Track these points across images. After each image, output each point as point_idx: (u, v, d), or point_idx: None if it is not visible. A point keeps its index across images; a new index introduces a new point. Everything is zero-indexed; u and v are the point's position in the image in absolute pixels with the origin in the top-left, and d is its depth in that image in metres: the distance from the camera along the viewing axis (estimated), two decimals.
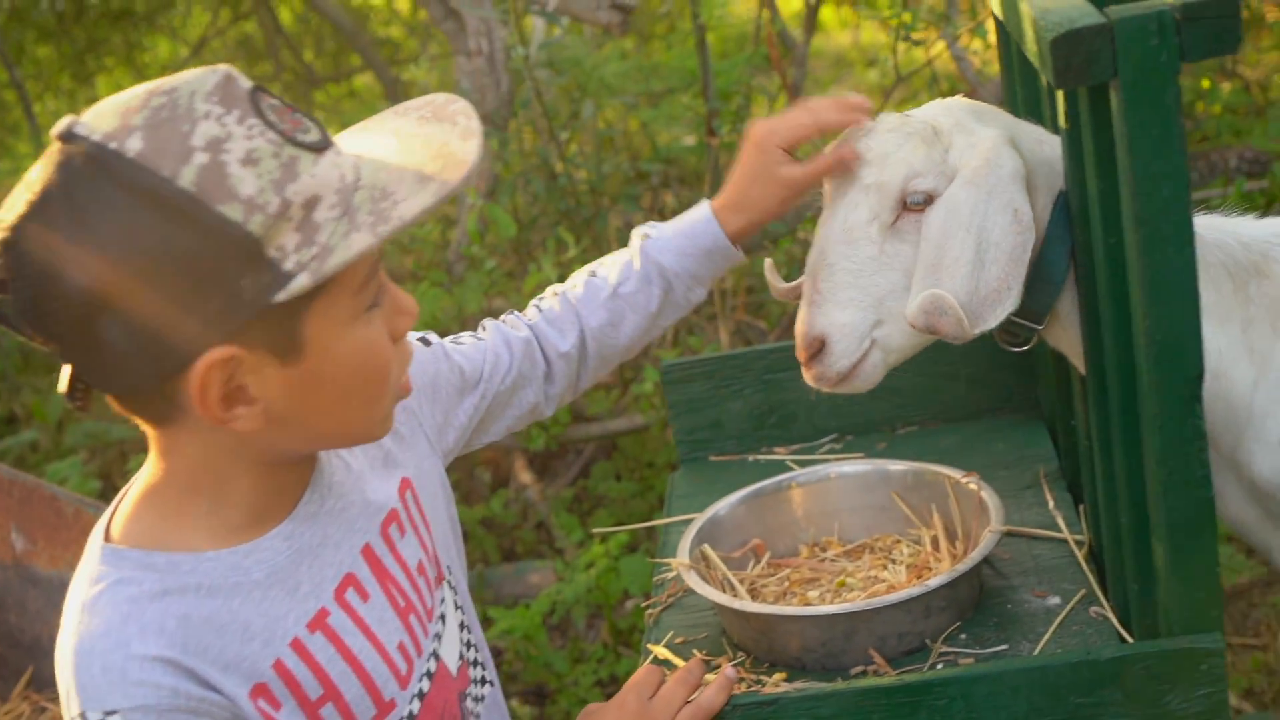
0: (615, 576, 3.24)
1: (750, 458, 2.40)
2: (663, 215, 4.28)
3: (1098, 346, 1.60)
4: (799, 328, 1.84)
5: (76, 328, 1.24)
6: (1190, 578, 1.37)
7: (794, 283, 1.96)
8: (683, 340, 3.94)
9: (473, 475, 4.11)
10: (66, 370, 1.30)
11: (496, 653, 3.69)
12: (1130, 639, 1.68)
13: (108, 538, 1.38)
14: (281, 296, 1.24)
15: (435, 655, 1.56)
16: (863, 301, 1.80)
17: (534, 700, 3.48)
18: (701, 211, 1.89)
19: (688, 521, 2.12)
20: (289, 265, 1.24)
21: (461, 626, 1.65)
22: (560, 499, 3.98)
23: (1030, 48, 1.38)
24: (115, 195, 1.21)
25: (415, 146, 1.32)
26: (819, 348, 1.83)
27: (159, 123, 1.23)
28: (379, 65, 6.73)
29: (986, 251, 1.71)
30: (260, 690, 1.36)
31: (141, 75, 7.75)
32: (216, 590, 1.36)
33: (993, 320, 1.71)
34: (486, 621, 3.47)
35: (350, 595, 1.46)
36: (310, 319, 1.29)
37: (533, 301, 1.92)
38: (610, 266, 1.90)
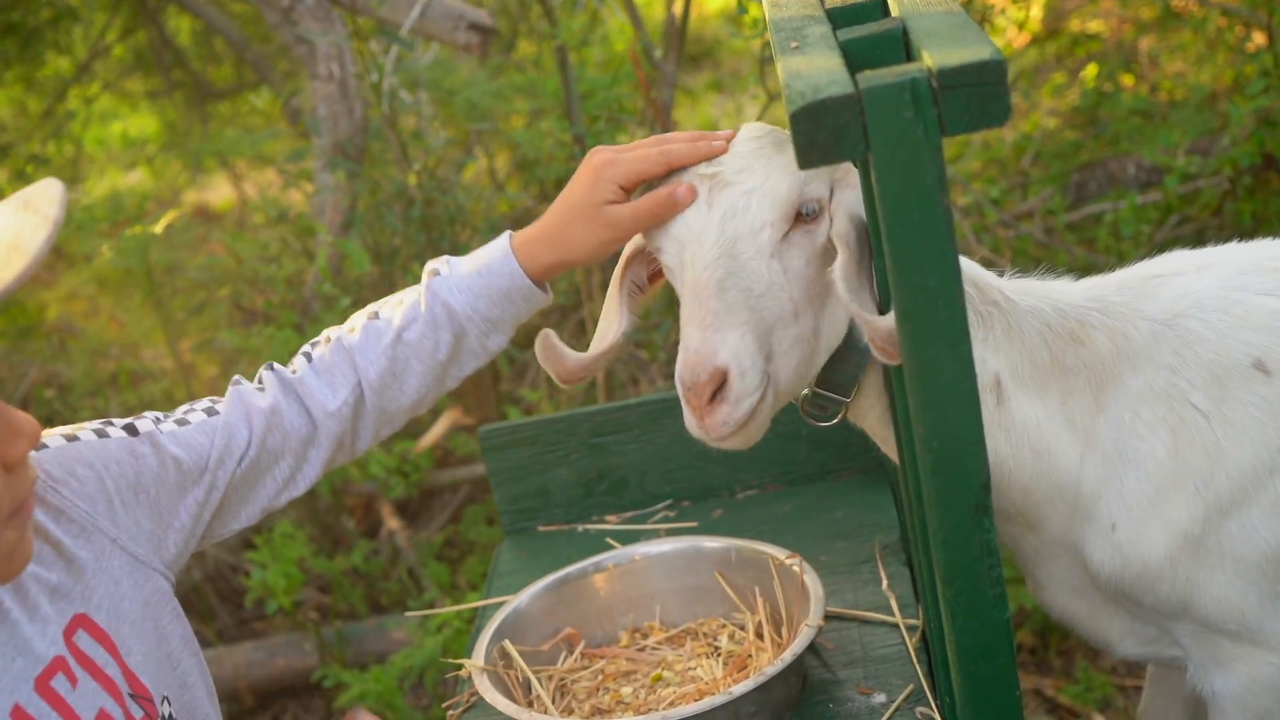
0: (467, 637, 3.05)
1: (580, 528, 2.23)
2: None
3: (898, 431, 1.44)
4: (688, 358, 1.50)
5: None
6: (986, 707, 1.21)
7: (591, 354, 1.73)
8: (540, 381, 3.76)
9: (340, 521, 3.91)
10: None
11: None
12: None
13: None
14: None
15: None
16: (758, 329, 1.50)
17: None
18: (500, 246, 1.64)
19: (502, 604, 1.95)
20: None
21: None
22: (430, 545, 3.79)
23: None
24: None
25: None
26: (721, 382, 1.49)
27: None
28: (274, 81, 6.50)
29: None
30: None
31: (38, 90, 7.49)
32: None
33: None
34: (341, 687, 3.28)
35: None
36: None
37: (304, 348, 1.68)
38: (394, 308, 1.65)
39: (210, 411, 1.59)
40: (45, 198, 1.15)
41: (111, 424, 1.50)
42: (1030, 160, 4.82)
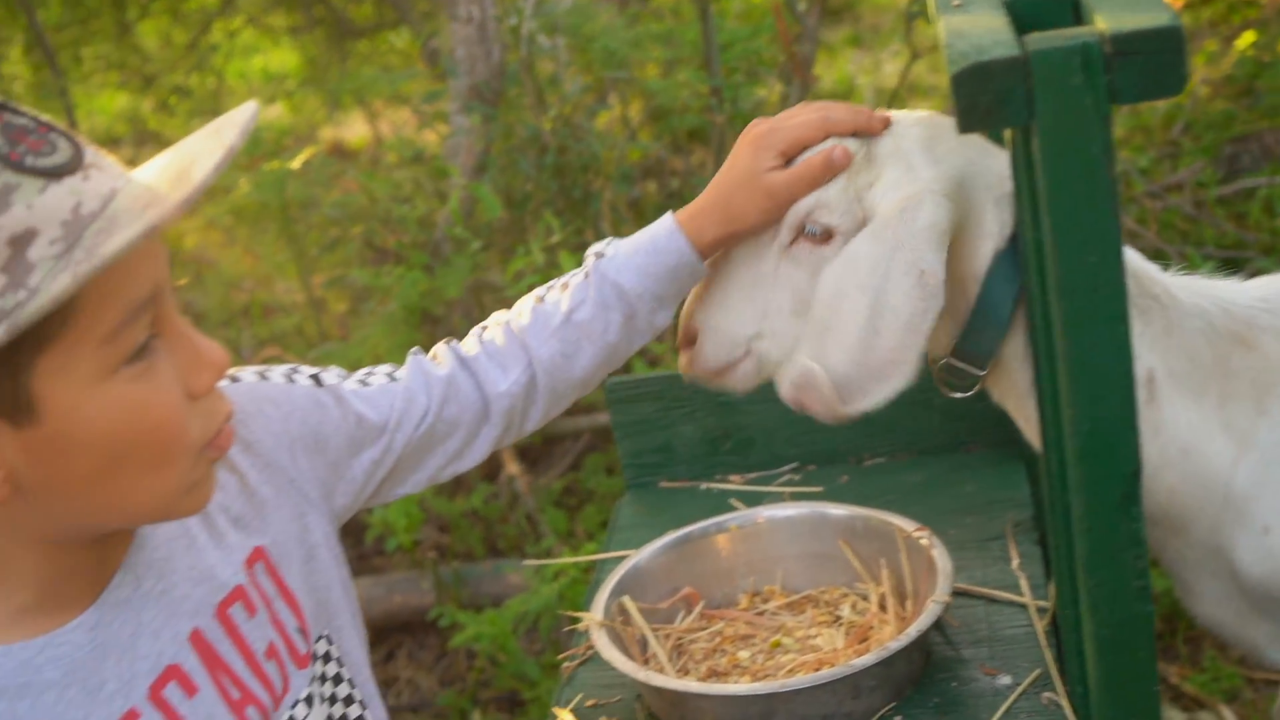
0: (584, 588, 3.06)
1: (702, 485, 2.20)
2: (662, 195, 4.06)
3: (1042, 410, 1.39)
4: (684, 308, 1.71)
5: None
6: (1124, 704, 1.16)
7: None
8: (667, 336, 3.73)
9: None
10: None
11: (470, 656, 3.52)
12: None
13: None
14: None
15: None
16: (746, 312, 1.66)
17: (505, 708, 3.32)
18: (665, 224, 1.64)
19: (620, 560, 1.94)
20: None
21: (332, 700, 1.45)
22: (549, 492, 3.80)
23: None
24: None
25: (173, 164, 1.13)
26: (692, 338, 1.71)
27: None
28: (413, 21, 6.51)
29: (881, 317, 1.51)
30: None
31: (184, 23, 7.59)
32: (2, 693, 1.18)
33: (875, 398, 1.55)
34: (455, 628, 3.31)
35: (170, 691, 1.27)
36: (41, 376, 1.09)
37: (475, 329, 1.68)
38: (560, 291, 1.66)
39: (391, 376, 1.59)
40: (232, 122, 1.14)
41: (299, 371, 1.51)
42: (1180, 130, 4.67)
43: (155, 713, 1.25)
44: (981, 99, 1.01)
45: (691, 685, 1.59)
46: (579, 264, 3.33)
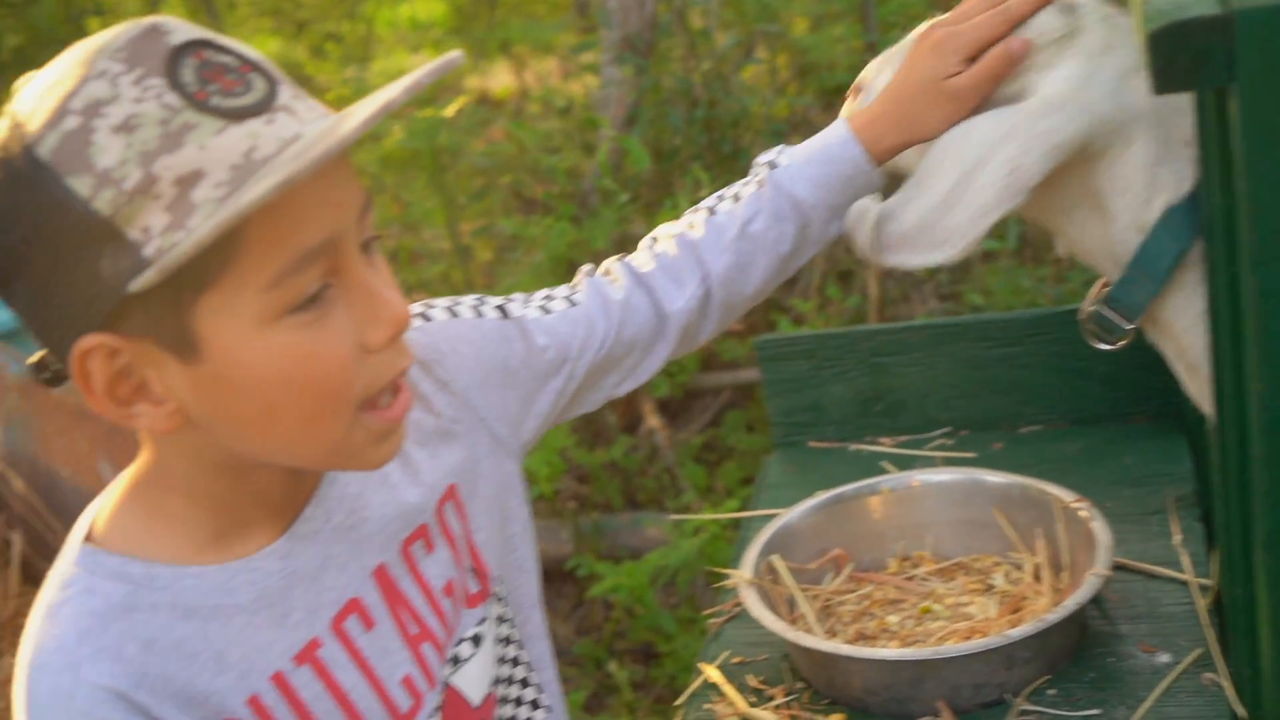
0: (725, 545, 3.06)
1: (852, 446, 2.18)
2: None
3: (1219, 382, 1.34)
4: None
5: (2, 295, 1.14)
6: None
7: None
8: (826, 288, 3.70)
9: (602, 415, 3.95)
10: None
11: (606, 607, 3.55)
12: None
13: (90, 533, 1.23)
14: (135, 286, 1.05)
15: (444, 685, 1.38)
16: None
17: (640, 660, 3.34)
18: (838, 132, 1.58)
19: (769, 518, 1.93)
20: (149, 251, 1.05)
21: (507, 641, 1.47)
22: (689, 447, 3.80)
23: (1137, 34, 1.12)
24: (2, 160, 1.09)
25: (352, 110, 1.11)
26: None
27: (56, 81, 1.07)
28: None
29: (964, 192, 1.49)
30: None
31: None
32: (193, 612, 1.20)
33: (916, 261, 1.53)
34: (593, 578, 3.33)
35: (351, 624, 1.29)
36: (202, 315, 1.10)
37: (645, 241, 1.63)
38: (732, 202, 1.61)
39: (570, 300, 1.56)
40: (423, 67, 1.12)
41: (485, 302, 1.50)
42: None
43: (336, 643, 1.28)
44: (1179, 59, 0.97)
45: (842, 647, 1.58)
46: None
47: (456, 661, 1.40)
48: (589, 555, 3.41)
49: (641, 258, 1.62)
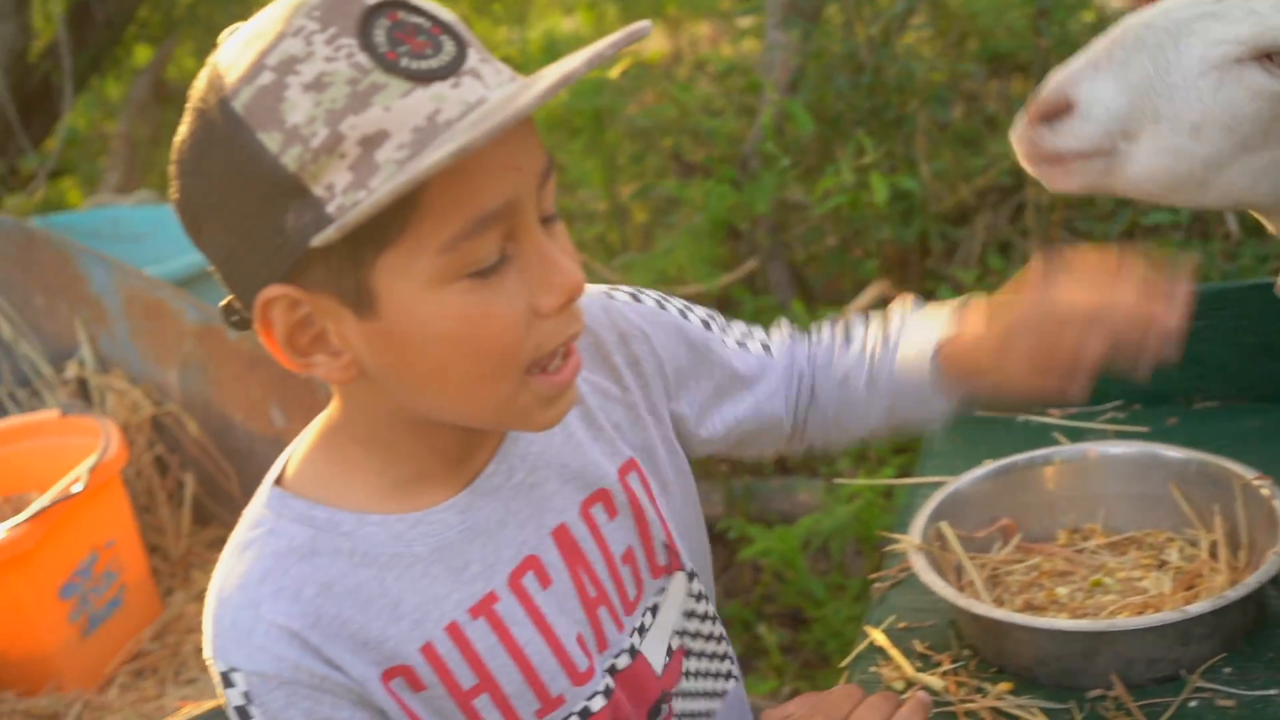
0: (880, 512, 3.04)
1: (1019, 417, 2.16)
2: (976, 120, 3.95)
3: None
4: (1056, 78, 1.51)
5: (194, 241, 1.19)
6: None
7: None
8: (988, 259, 3.65)
9: None
10: None
11: (755, 570, 3.56)
12: None
13: (281, 477, 1.28)
14: (316, 242, 1.08)
15: (633, 651, 1.40)
16: (1140, 99, 1.47)
17: (789, 625, 3.35)
18: (928, 344, 1.50)
19: (936, 486, 1.92)
20: (331, 208, 1.08)
21: (704, 617, 1.49)
22: None
23: None
24: (199, 108, 1.12)
25: (533, 79, 1.12)
26: (1061, 109, 1.50)
27: (254, 36, 1.11)
28: None
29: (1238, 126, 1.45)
30: (400, 672, 1.24)
31: None
32: (372, 559, 1.24)
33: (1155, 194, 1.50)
34: (744, 540, 3.34)
35: (528, 580, 1.31)
36: (380, 273, 1.12)
37: (806, 335, 1.64)
38: (847, 350, 1.59)
39: (767, 349, 1.58)
40: (608, 36, 1.12)
41: (692, 309, 1.52)
42: None
43: (512, 598, 1.30)
44: None
45: (1015, 616, 1.56)
46: (889, 187, 3.26)
47: (642, 631, 1.42)
48: (740, 518, 3.42)
49: (809, 349, 1.62)
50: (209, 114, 1.11)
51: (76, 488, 2.58)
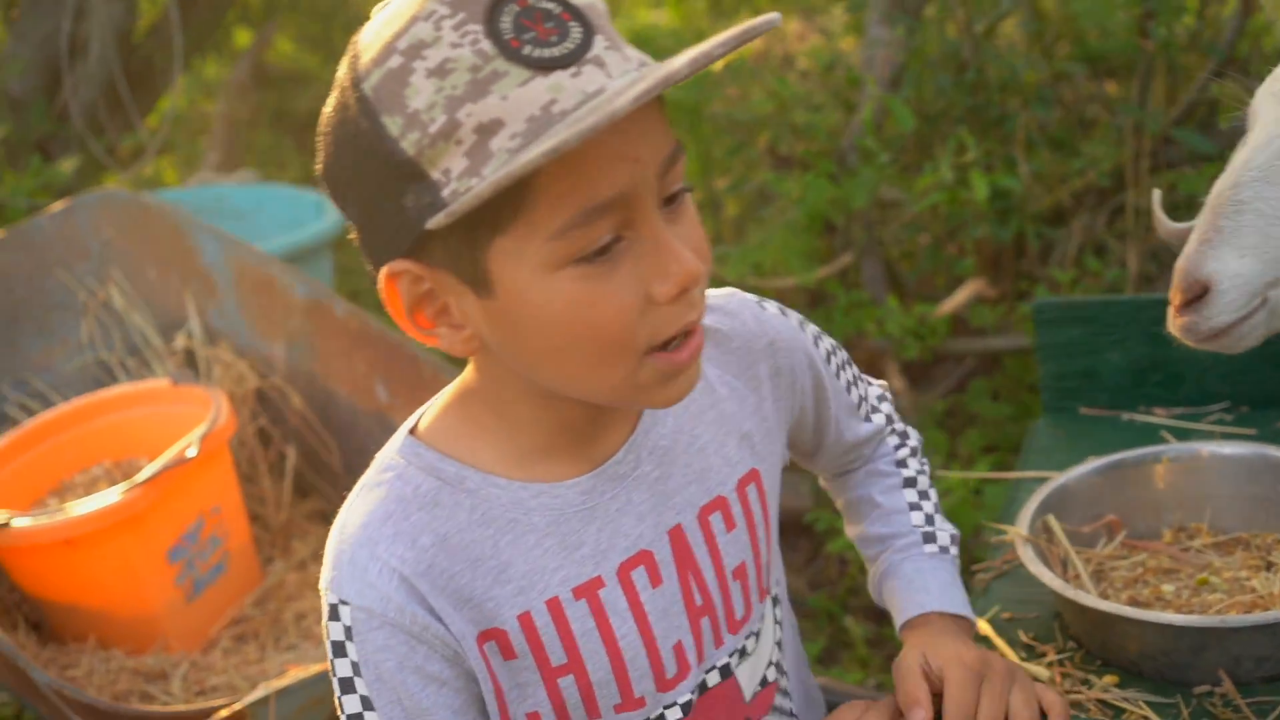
0: (972, 509, 3.05)
1: (1124, 416, 2.16)
2: (1073, 121, 3.93)
3: None
4: (1181, 264, 1.57)
5: (340, 209, 1.25)
6: None
7: (1189, 223, 1.68)
8: (1085, 261, 3.64)
9: None
10: None
11: (841, 563, 3.58)
12: None
13: (414, 427, 1.33)
14: (430, 225, 1.12)
15: (726, 671, 1.40)
16: (1266, 253, 1.54)
17: (873, 618, 3.36)
18: (907, 608, 1.55)
19: (1040, 481, 1.93)
20: (446, 193, 1.11)
21: (778, 647, 1.49)
22: (931, 411, 3.79)
23: None
24: (340, 86, 1.17)
25: (644, 74, 1.12)
26: (1199, 293, 1.56)
27: (390, 18, 1.15)
28: None
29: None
30: (494, 635, 1.27)
31: None
32: (490, 520, 1.28)
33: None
34: (832, 532, 3.36)
35: (638, 575, 1.33)
36: (495, 256, 1.15)
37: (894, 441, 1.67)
38: (874, 519, 1.64)
39: (869, 418, 1.61)
40: (734, 28, 1.13)
41: (823, 337, 1.53)
42: None
43: (618, 588, 1.32)
44: None
45: (1125, 609, 1.57)
46: (990, 184, 3.25)
47: (743, 654, 1.42)
48: (827, 511, 3.44)
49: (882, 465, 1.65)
50: (345, 93, 1.16)
51: (191, 452, 2.65)
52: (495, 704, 1.29)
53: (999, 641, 1.66)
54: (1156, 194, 1.76)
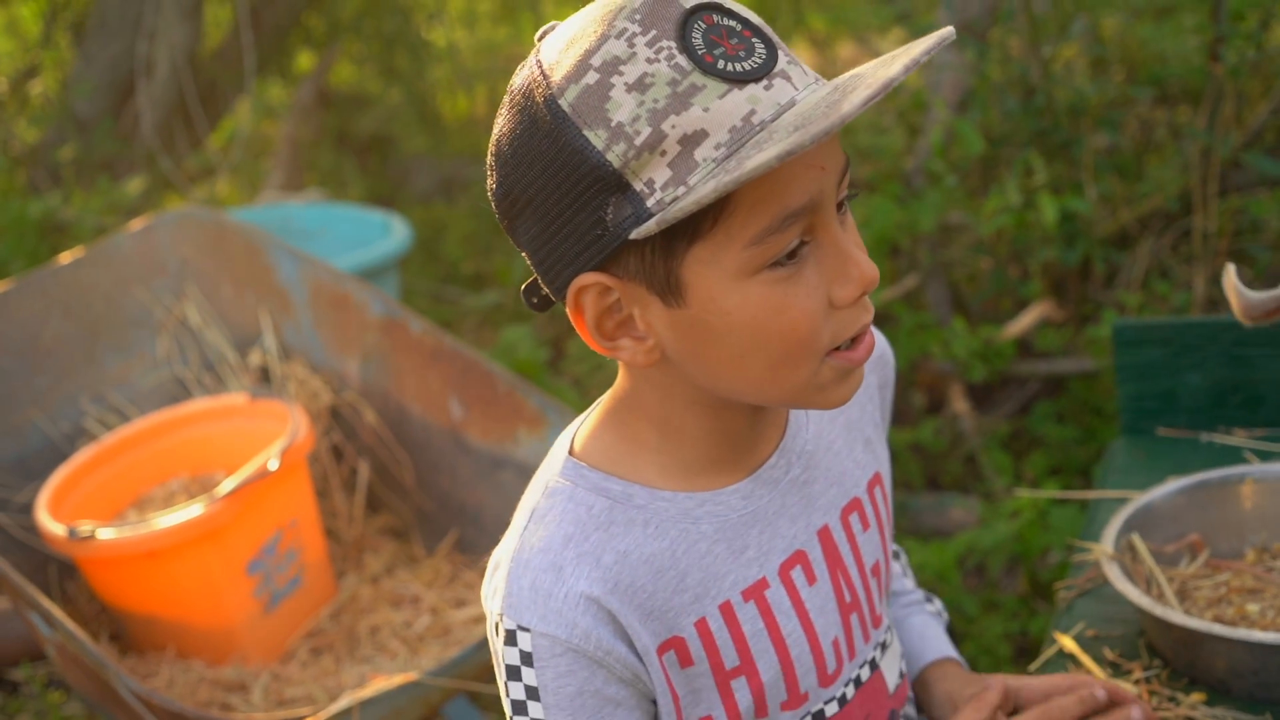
0: (1040, 530, 3.05)
1: (1204, 437, 2.16)
2: (1139, 147, 3.94)
3: None
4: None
5: (504, 227, 1.26)
6: None
7: (1273, 291, 1.67)
8: (1151, 284, 3.64)
9: (906, 395, 3.97)
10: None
11: None
12: None
13: (572, 449, 1.35)
14: (636, 235, 1.15)
15: (874, 665, 1.46)
16: None
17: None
18: (926, 654, 1.61)
19: (1120, 501, 1.94)
20: (651, 203, 1.15)
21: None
22: (995, 434, 3.79)
23: None
24: (522, 104, 1.20)
25: (849, 81, 1.16)
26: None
27: (577, 36, 1.18)
28: None
29: None
30: (674, 644, 1.31)
31: None
32: (663, 533, 1.31)
33: None
34: None
35: (796, 574, 1.37)
36: (690, 265, 1.19)
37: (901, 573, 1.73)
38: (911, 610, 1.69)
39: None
40: (917, 42, 1.17)
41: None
42: None
43: (781, 588, 1.35)
44: None
45: (1215, 627, 1.58)
46: (1059, 207, 3.26)
47: (884, 647, 1.48)
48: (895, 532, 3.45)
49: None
50: (533, 110, 1.18)
51: (272, 465, 2.69)
52: (674, 714, 1.32)
53: (1085, 659, 1.67)
54: (1230, 272, 1.69)
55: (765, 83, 1.15)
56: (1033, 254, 3.63)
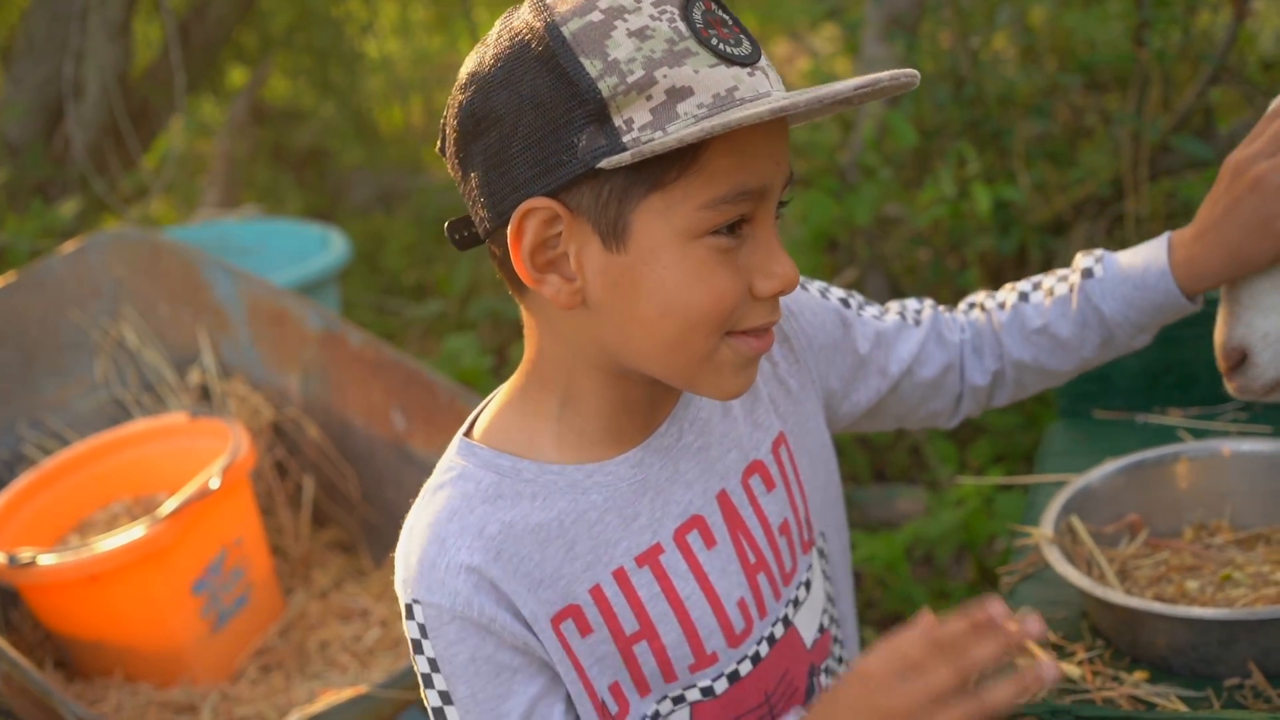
0: (985, 518, 3.07)
1: (1139, 418, 2.19)
2: (1070, 134, 3.97)
3: None
4: (1216, 339, 1.60)
5: (457, 149, 1.29)
6: None
7: None
8: None
9: None
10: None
11: (856, 577, 3.60)
12: None
13: (469, 432, 1.40)
14: (606, 164, 1.20)
15: (787, 621, 1.48)
16: None
17: (890, 630, 3.38)
18: (1158, 259, 1.57)
19: (1059, 484, 1.96)
20: (626, 139, 1.20)
21: (828, 598, 1.56)
22: None
23: None
24: (516, 29, 1.25)
25: (806, 91, 1.25)
26: (1239, 359, 1.58)
27: None
28: None
29: None
30: (571, 612, 1.34)
31: None
32: (551, 504, 1.35)
33: None
34: None
35: (693, 538, 1.41)
36: (642, 212, 1.23)
37: (965, 303, 1.71)
38: (1045, 295, 1.65)
39: (915, 320, 1.65)
40: (881, 73, 1.24)
41: (830, 290, 1.62)
42: None
43: (677, 552, 1.39)
44: None
45: (1155, 605, 1.60)
46: (993, 196, 3.29)
47: (797, 604, 1.49)
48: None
49: (959, 321, 1.69)
50: (529, 35, 1.23)
51: (213, 484, 2.67)
52: (580, 683, 1.35)
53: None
54: None
55: (749, 70, 1.23)
56: (969, 243, 3.66)
